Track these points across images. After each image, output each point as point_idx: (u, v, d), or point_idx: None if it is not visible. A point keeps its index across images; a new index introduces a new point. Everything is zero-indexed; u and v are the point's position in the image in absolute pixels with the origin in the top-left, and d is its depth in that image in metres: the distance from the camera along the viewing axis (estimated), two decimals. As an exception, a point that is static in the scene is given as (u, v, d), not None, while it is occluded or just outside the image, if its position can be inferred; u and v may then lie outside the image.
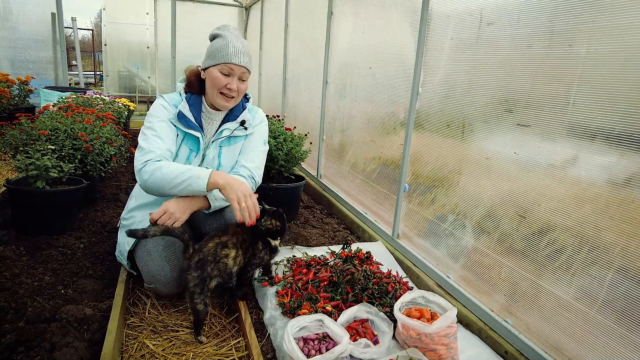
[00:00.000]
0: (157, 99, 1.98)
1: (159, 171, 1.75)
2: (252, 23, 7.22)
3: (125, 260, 1.96)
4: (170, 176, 1.74)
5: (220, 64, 1.85)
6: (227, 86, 1.87)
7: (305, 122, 4.27)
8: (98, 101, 4.31)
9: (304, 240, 2.69)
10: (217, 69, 1.86)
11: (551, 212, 1.55)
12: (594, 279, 1.40)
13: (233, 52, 1.84)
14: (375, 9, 2.86)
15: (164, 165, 1.77)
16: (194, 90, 1.99)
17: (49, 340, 1.50)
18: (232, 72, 1.87)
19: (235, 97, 1.93)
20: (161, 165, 1.77)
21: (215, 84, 1.87)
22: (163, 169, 1.75)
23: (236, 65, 1.86)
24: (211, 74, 1.88)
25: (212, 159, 2.01)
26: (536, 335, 1.61)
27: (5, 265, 1.97)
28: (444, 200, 2.15)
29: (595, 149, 1.40)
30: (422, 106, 2.32)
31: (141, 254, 1.89)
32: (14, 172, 2.36)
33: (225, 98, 1.91)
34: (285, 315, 1.77)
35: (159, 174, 1.75)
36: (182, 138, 1.96)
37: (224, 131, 2.01)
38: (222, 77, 1.86)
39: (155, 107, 1.95)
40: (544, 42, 1.58)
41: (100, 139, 2.81)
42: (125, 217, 2.08)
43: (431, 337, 1.54)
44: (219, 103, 1.92)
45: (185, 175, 1.74)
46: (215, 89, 1.89)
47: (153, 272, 1.83)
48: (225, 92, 1.89)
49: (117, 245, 2.07)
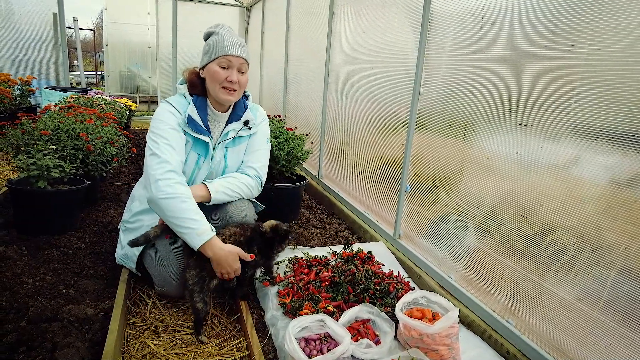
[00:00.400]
0: (162, 103, 1.92)
1: (174, 200, 1.69)
2: (254, 23, 7.23)
3: (133, 264, 1.96)
4: (179, 214, 1.68)
5: (218, 58, 1.84)
6: (227, 79, 1.85)
7: (306, 122, 4.27)
8: (99, 101, 4.32)
9: (305, 240, 2.68)
10: (215, 64, 1.85)
11: (553, 212, 1.55)
12: (596, 279, 1.40)
13: (229, 43, 1.84)
14: (377, 8, 2.86)
15: (183, 199, 1.70)
16: (198, 91, 1.96)
17: (50, 340, 1.50)
18: (230, 64, 1.85)
19: (238, 90, 1.91)
20: (180, 195, 1.70)
21: (216, 78, 1.86)
22: (179, 202, 1.69)
23: (234, 56, 1.84)
24: (210, 70, 1.87)
25: (219, 161, 2.00)
26: (538, 335, 1.60)
27: (7, 265, 1.97)
28: (446, 200, 2.15)
29: (598, 148, 1.40)
30: (424, 106, 2.32)
31: (151, 259, 1.89)
32: (15, 172, 2.36)
33: (227, 91, 1.89)
34: (286, 316, 1.77)
35: (173, 203, 1.69)
36: (191, 144, 1.92)
37: (229, 132, 2.00)
38: (222, 70, 1.85)
39: (162, 113, 1.88)
40: (546, 41, 1.57)
41: (101, 139, 2.81)
42: (130, 221, 2.05)
43: (433, 338, 1.54)
44: (222, 98, 1.89)
45: (189, 223, 1.68)
46: (216, 84, 1.87)
47: (164, 276, 1.85)
48: (226, 86, 1.87)
49: (120, 247, 2.06)
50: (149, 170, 1.75)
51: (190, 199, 1.73)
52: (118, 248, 2.10)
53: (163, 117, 1.86)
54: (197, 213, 1.71)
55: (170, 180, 1.71)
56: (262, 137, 2.13)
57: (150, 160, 1.77)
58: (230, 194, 1.93)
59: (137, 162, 4.43)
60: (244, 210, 1.98)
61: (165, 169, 1.73)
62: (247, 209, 2.00)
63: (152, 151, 1.78)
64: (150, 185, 1.73)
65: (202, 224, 1.69)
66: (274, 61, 5.66)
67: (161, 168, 1.73)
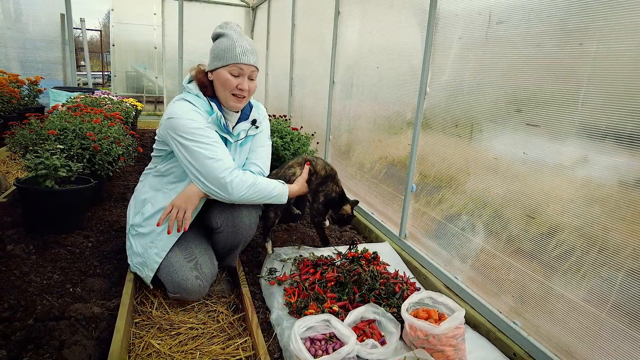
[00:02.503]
0: (180, 102, 1.85)
1: (255, 187, 1.88)
2: (259, 23, 7.24)
3: (152, 273, 1.89)
4: (267, 191, 1.93)
5: (229, 65, 1.82)
6: (238, 87, 1.84)
7: (311, 122, 4.27)
8: (106, 101, 4.35)
9: (311, 240, 2.68)
10: (226, 70, 1.83)
11: (560, 213, 1.54)
12: (604, 280, 1.39)
13: (241, 52, 1.81)
14: (383, 8, 2.85)
15: (259, 182, 1.90)
16: (209, 92, 1.93)
17: (58, 338, 1.51)
18: (242, 72, 1.83)
19: (247, 97, 1.92)
20: (256, 181, 1.89)
21: (227, 86, 1.84)
22: (258, 185, 1.89)
23: (246, 65, 1.83)
24: (220, 76, 1.84)
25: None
26: (545, 337, 1.59)
27: (15, 263, 1.99)
28: (452, 200, 2.14)
29: (605, 149, 1.38)
30: (430, 106, 2.31)
31: (163, 266, 1.88)
32: (23, 172, 2.38)
33: (237, 99, 1.88)
34: (292, 315, 1.77)
35: (257, 189, 1.89)
36: None
37: (240, 133, 2.00)
38: (233, 78, 1.83)
39: (189, 113, 1.81)
40: (554, 40, 1.56)
41: (108, 138, 2.83)
42: (143, 225, 1.94)
43: (439, 338, 1.53)
44: (232, 105, 1.89)
45: (277, 190, 1.98)
46: (227, 91, 1.85)
47: (178, 282, 1.84)
48: (237, 93, 1.86)
49: (133, 255, 1.96)
50: (213, 173, 1.78)
51: (263, 179, 1.96)
52: (130, 255, 1.98)
53: (194, 117, 1.81)
54: (270, 182, 1.98)
55: (234, 170, 1.84)
56: (265, 135, 2.14)
57: (210, 163, 1.78)
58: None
59: (143, 161, 4.45)
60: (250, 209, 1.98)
61: (229, 166, 1.82)
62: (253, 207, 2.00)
63: (204, 154, 1.78)
64: (222, 187, 1.80)
65: (279, 187, 1.99)
66: (279, 61, 5.66)
67: (224, 167, 1.80)
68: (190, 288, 1.85)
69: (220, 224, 1.95)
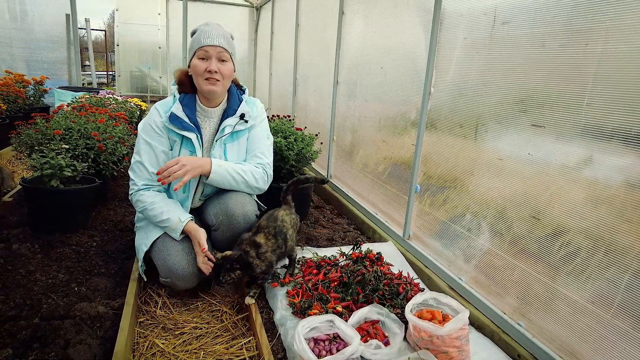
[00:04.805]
0: (152, 109, 2.02)
1: (145, 212, 1.95)
2: (263, 23, 7.25)
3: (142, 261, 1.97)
4: (154, 220, 1.94)
5: (196, 51, 1.90)
6: (207, 69, 1.89)
7: (315, 122, 4.27)
8: (111, 101, 4.37)
9: (314, 240, 2.68)
10: (195, 58, 1.92)
11: (565, 214, 1.53)
12: (610, 282, 1.38)
13: (204, 36, 1.89)
14: (387, 8, 2.85)
15: (149, 208, 1.93)
16: (187, 89, 2.02)
17: (63, 337, 1.52)
18: (207, 54, 1.89)
19: (221, 81, 1.93)
20: (146, 206, 1.94)
21: (196, 71, 1.91)
22: (148, 210, 1.94)
23: (210, 46, 1.88)
24: (193, 65, 1.93)
25: (220, 159, 2.01)
26: (550, 338, 1.58)
27: (21, 262, 2.01)
28: (456, 201, 2.13)
29: (611, 149, 1.37)
30: (434, 106, 2.30)
31: (158, 248, 1.92)
32: (29, 171, 2.40)
33: (209, 82, 1.91)
34: (295, 316, 1.77)
35: (146, 214, 1.96)
36: (179, 143, 1.99)
37: (225, 128, 2.02)
38: (201, 62, 1.90)
39: (143, 124, 2.00)
40: (559, 41, 1.55)
41: (112, 138, 2.84)
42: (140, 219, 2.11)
43: (443, 340, 1.53)
44: (205, 89, 1.92)
45: (163, 224, 1.93)
46: (199, 77, 1.91)
47: (170, 265, 1.86)
48: (208, 77, 1.90)
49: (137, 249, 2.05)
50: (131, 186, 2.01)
51: (155, 205, 1.93)
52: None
53: (142, 129, 1.99)
54: (165, 210, 1.92)
55: (137, 193, 1.98)
56: (263, 132, 2.15)
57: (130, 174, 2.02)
58: (233, 175, 1.96)
59: (147, 161, 4.45)
60: (245, 205, 1.99)
61: (133, 189, 1.99)
62: (249, 204, 2.02)
63: (130, 170, 2.02)
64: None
65: (171, 220, 1.91)
66: (283, 61, 5.67)
67: (131, 187, 2.00)
68: (181, 274, 1.86)
69: (215, 221, 2.00)
